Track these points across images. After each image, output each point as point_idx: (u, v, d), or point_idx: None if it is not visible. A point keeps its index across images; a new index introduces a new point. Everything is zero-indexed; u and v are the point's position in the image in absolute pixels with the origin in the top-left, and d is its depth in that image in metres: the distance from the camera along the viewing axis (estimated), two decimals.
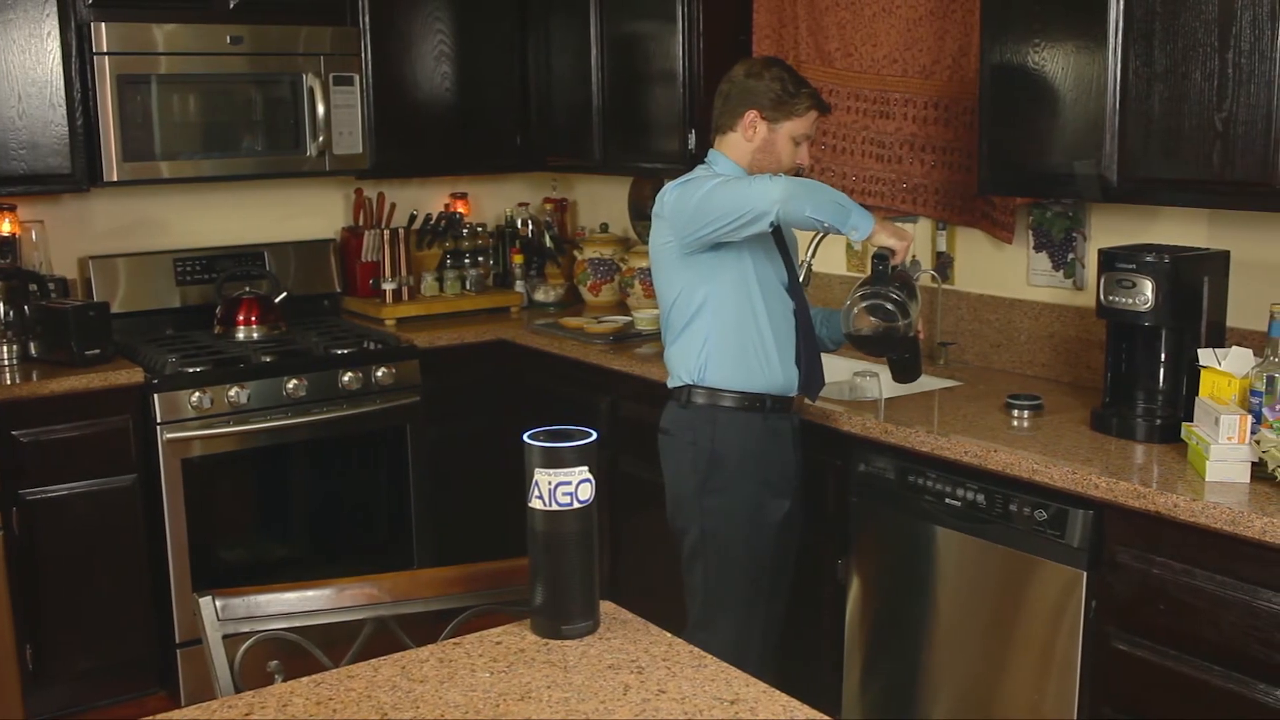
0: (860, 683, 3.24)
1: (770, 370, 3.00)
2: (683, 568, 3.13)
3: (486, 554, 2.26)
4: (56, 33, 3.87)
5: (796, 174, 3.10)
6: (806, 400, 3.14)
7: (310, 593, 1.94)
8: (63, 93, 3.89)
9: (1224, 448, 2.49)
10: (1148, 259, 2.76)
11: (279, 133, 4.27)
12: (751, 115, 3.01)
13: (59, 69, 3.88)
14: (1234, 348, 2.67)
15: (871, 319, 2.91)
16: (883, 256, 2.85)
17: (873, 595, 3.17)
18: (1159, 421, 2.81)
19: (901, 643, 3.12)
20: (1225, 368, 2.64)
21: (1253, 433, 2.49)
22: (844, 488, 3.19)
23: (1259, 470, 2.48)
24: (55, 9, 3.86)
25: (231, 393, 3.90)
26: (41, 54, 3.86)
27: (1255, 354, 2.65)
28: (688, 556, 3.09)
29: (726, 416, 2.99)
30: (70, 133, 3.92)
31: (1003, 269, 3.64)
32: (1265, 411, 2.53)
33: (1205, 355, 2.68)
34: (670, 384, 3.10)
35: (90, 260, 4.30)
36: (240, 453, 3.97)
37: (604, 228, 5.06)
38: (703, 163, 3.11)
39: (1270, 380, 2.55)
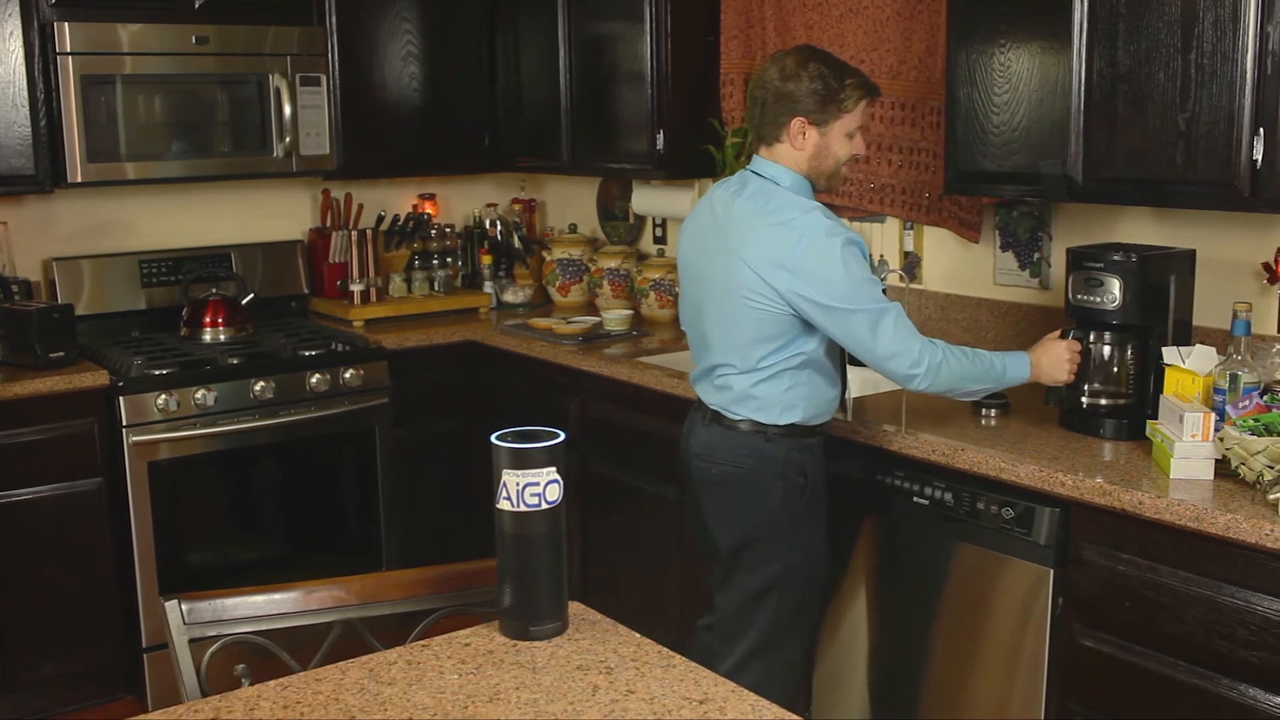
0: (829, 681, 3.24)
1: (835, 398, 2.94)
2: (742, 599, 2.94)
3: (455, 555, 2.26)
4: (19, 32, 3.83)
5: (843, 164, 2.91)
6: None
7: (277, 596, 1.93)
8: (26, 93, 3.85)
9: (1188, 445, 2.52)
10: (1115, 258, 2.78)
11: (245, 133, 4.25)
12: (798, 123, 2.78)
13: (22, 69, 3.84)
14: (1197, 346, 2.70)
15: None
16: None
17: (841, 594, 3.17)
18: (1126, 420, 2.83)
19: (870, 641, 3.13)
20: (1189, 366, 2.66)
21: (1216, 430, 2.51)
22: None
23: (1222, 467, 2.50)
24: (18, 8, 3.82)
25: (198, 395, 3.87)
26: (4, 54, 3.81)
27: (1219, 352, 2.68)
28: (759, 589, 2.91)
29: (812, 445, 2.90)
30: (34, 133, 3.88)
31: (969, 268, 3.66)
32: (1228, 409, 2.55)
33: (1169, 353, 2.71)
34: (736, 414, 2.86)
35: (54, 262, 4.26)
36: (207, 455, 3.94)
37: (572, 228, 5.05)
38: (752, 172, 2.87)
39: (1233, 378, 2.58)
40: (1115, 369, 2.89)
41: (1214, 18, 2.58)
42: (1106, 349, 2.89)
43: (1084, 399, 2.90)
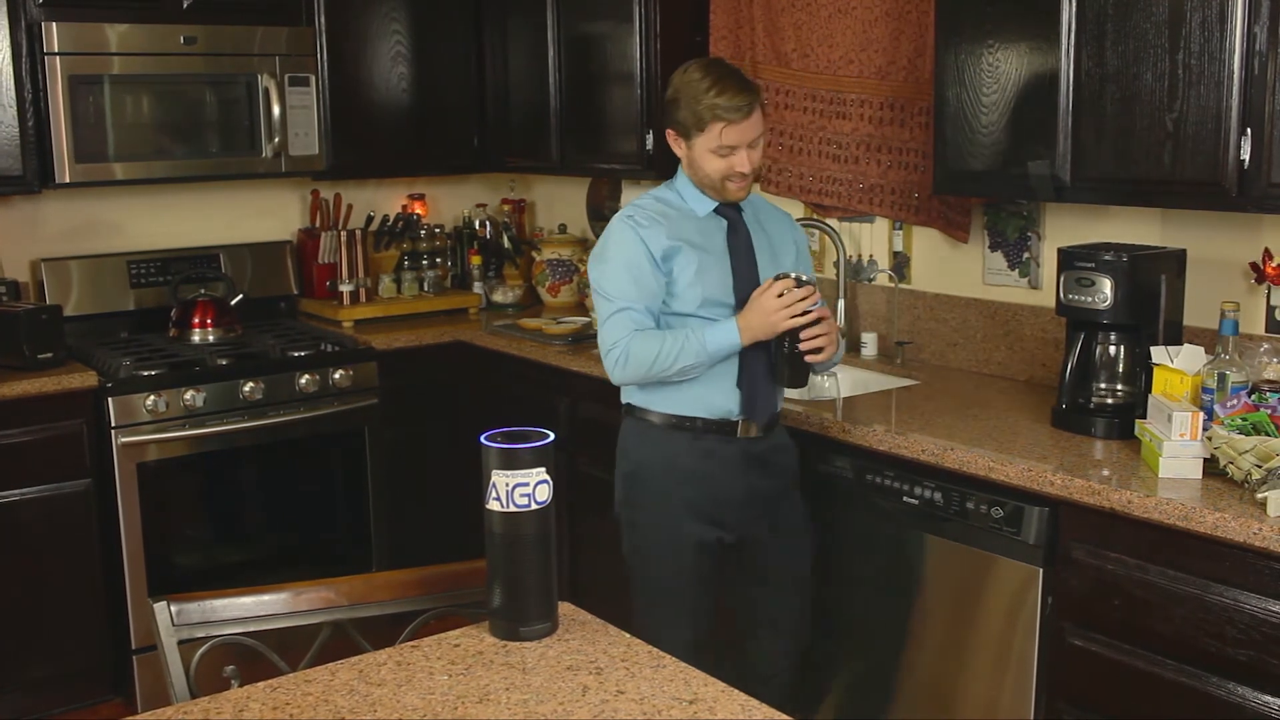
0: (817, 682, 3.25)
1: (700, 393, 2.83)
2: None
3: (445, 556, 2.25)
4: (6, 32, 3.82)
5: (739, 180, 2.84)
6: (755, 426, 2.88)
7: (266, 597, 1.93)
8: (13, 93, 3.84)
9: (1176, 444, 2.52)
10: (1106, 258, 2.78)
11: (234, 134, 4.24)
12: (670, 135, 2.84)
13: (9, 69, 3.83)
14: (1185, 345, 2.70)
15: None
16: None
17: (831, 594, 3.18)
18: (1116, 419, 2.84)
19: (860, 641, 3.14)
20: (1177, 365, 2.67)
21: (1204, 429, 2.51)
22: (802, 487, 3.20)
23: (1211, 466, 2.51)
24: (5, 8, 3.80)
25: (187, 396, 3.87)
26: None
27: (1206, 351, 2.68)
28: (626, 562, 3.02)
29: (654, 434, 2.88)
30: (21, 134, 3.86)
31: (959, 268, 3.66)
32: (1217, 408, 2.56)
33: (1157, 353, 2.71)
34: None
35: (43, 263, 4.25)
36: (196, 456, 3.94)
37: (562, 228, 5.05)
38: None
39: (1221, 377, 2.58)
40: (1106, 368, 2.89)
41: (1201, 18, 2.58)
42: (1098, 348, 2.90)
43: (1065, 400, 2.91)
